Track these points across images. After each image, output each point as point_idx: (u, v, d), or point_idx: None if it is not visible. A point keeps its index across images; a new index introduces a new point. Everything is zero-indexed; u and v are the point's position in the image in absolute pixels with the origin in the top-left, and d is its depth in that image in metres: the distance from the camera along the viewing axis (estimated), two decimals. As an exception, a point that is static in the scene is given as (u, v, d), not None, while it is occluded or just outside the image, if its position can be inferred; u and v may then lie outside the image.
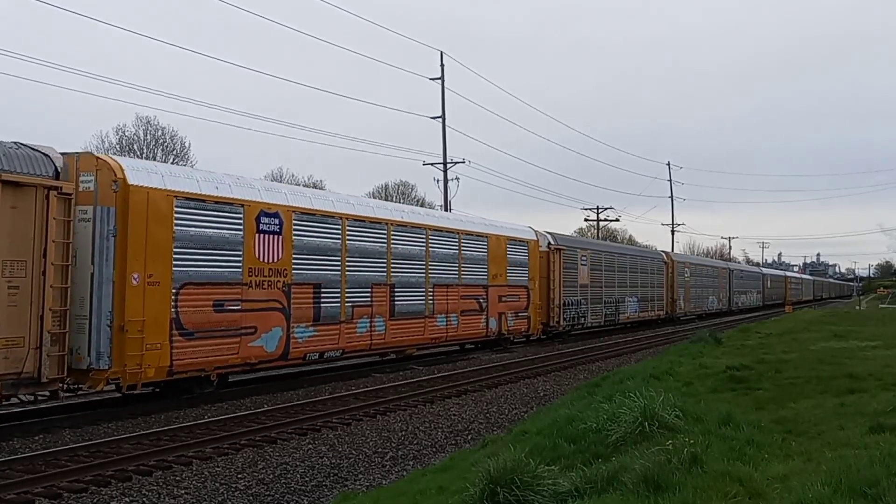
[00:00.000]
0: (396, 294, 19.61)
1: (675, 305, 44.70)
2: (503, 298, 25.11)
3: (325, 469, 9.91)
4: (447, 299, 21.91)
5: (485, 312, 24.01)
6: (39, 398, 11.98)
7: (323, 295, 16.99)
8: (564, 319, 29.97)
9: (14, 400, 11.55)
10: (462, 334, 22.83)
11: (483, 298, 23.93)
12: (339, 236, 17.59)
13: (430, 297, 21.04)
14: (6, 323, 10.79)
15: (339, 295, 17.48)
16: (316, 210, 17.05)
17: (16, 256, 11.01)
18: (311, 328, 16.52)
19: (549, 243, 29.18)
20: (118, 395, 14.31)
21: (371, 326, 18.59)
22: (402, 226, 20.17)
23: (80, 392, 13.34)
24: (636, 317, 39.22)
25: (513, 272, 25.88)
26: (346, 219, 17.87)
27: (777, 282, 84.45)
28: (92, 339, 12.38)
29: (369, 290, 18.59)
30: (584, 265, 32.38)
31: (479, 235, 24.14)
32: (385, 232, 19.31)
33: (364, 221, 18.58)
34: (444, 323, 21.74)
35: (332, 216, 17.48)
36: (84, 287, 12.41)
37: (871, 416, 7.55)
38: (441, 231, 21.98)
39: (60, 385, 11.68)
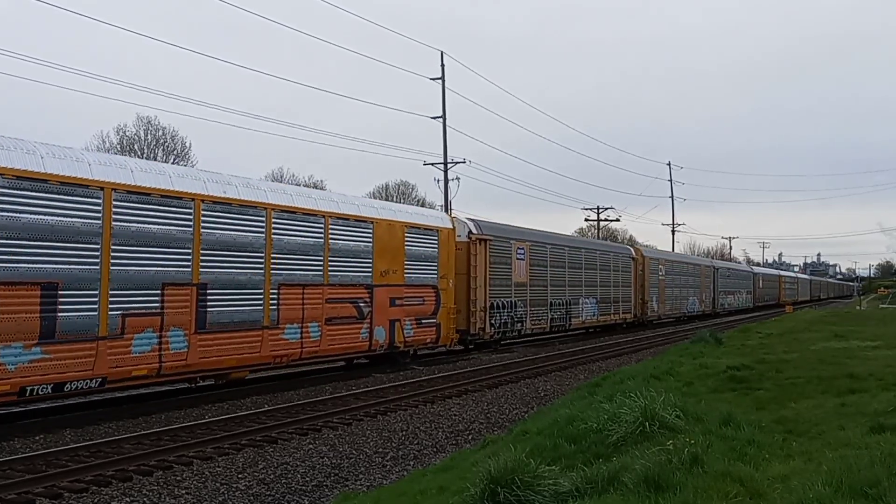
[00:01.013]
0: (210, 297, 14.24)
1: (645, 307, 39.64)
2: (398, 301, 19.54)
3: (326, 469, 9.92)
4: (303, 304, 16.42)
5: (367, 320, 18.34)
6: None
7: (63, 299, 11.79)
8: (492, 325, 24.81)
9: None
10: (328, 349, 17.32)
11: (365, 302, 18.31)
12: (99, 215, 12.40)
13: (273, 302, 15.65)
14: None
15: (96, 299, 12.27)
16: (50, 176, 11.72)
17: None
18: (35, 349, 11.37)
19: (471, 232, 23.98)
20: (118, 395, 14.30)
21: (161, 343, 13.26)
22: (223, 204, 14.57)
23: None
24: (594, 321, 33.95)
25: (414, 268, 20.23)
26: (114, 190, 12.59)
27: (770, 281, 79.30)
28: None
29: (158, 291, 13.29)
30: (522, 259, 27.08)
31: (360, 220, 18.35)
32: (190, 212, 13.90)
33: (149, 196, 13.16)
34: (297, 335, 16.21)
35: (83, 185, 12.17)
36: None
37: (872, 416, 7.55)
38: (293, 213, 16.28)
39: None
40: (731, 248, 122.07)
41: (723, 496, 5.03)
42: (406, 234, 20.04)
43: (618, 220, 77.61)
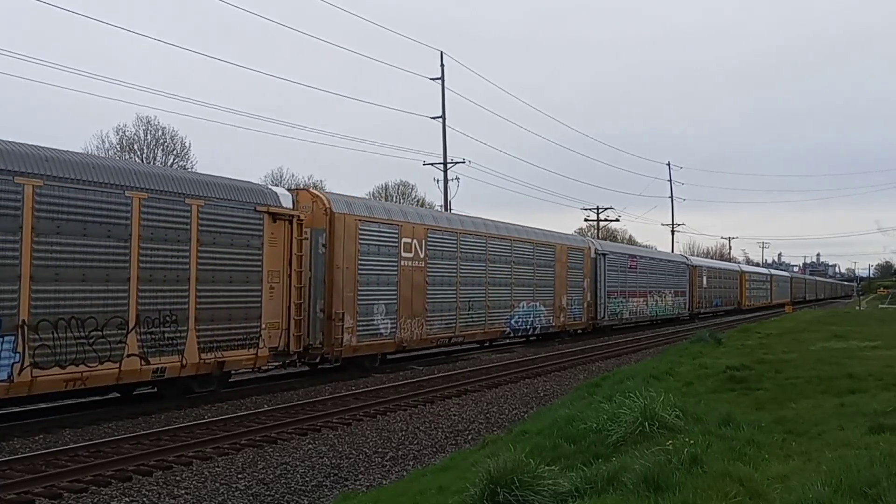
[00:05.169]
0: None
1: (336, 329, 17.73)
2: None
3: (326, 469, 9.91)
4: None
5: None
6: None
7: None
8: None
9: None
10: None
11: None
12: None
13: None
14: None
15: None
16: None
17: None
18: None
19: None
20: (117, 395, 14.25)
21: None
22: None
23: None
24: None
25: None
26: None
27: (722, 279, 56.67)
28: None
29: None
30: None
31: None
32: None
33: None
34: None
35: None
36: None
37: (872, 417, 7.55)
38: None
39: None
40: (730, 248, 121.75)
41: (722, 496, 5.03)
42: None
43: (617, 220, 77.38)
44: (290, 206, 16.55)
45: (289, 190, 17.58)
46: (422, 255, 21.07)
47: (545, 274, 28.54)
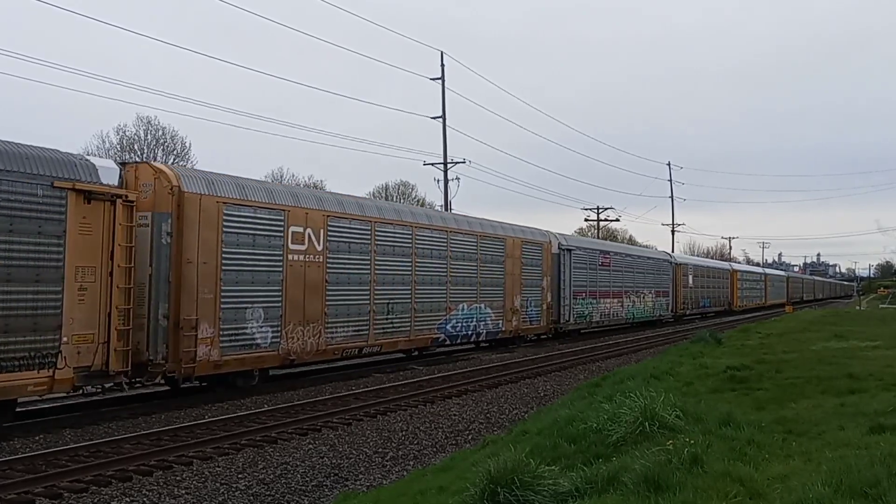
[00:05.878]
0: None
1: (187, 340, 13.80)
2: None
3: (326, 469, 9.92)
4: None
5: None
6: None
7: None
8: None
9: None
10: None
11: None
12: None
13: None
14: None
15: None
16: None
17: None
18: None
19: None
20: (119, 394, 14.24)
21: None
22: None
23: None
24: None
25: None
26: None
27: (710, 277, 52.48)
28: None
29: None
30: None
31: None
32: None
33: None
34: None
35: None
36: None
37: (872, 417, 7.55)
38: None
39: None
40: (730, 248, 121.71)
41: (723, 496, 5.03)
42: None
43: (617, 220, 77.28)
44: (117, 183, 12.56)
45: (120, 163, 13.67)
46: (319, 248, 17.00)
47: (493, 271, 24.68)
